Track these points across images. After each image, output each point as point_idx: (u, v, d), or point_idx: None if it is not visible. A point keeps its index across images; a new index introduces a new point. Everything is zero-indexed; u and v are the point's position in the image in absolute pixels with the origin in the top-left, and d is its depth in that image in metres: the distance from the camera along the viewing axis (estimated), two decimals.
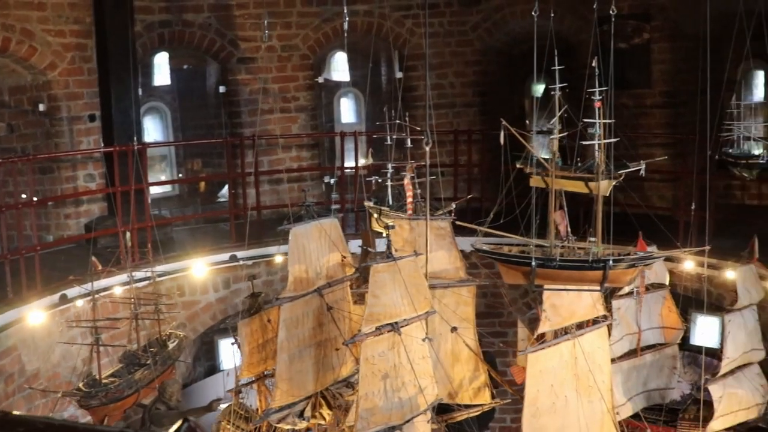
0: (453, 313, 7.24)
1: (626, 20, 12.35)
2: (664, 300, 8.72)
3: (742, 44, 12.63)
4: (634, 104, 12.36)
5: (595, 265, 6.11)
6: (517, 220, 6.77)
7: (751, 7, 11.50)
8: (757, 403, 8.35)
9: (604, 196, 6.97)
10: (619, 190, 12.28)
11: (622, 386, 8.56)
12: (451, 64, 13.20)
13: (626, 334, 8.51)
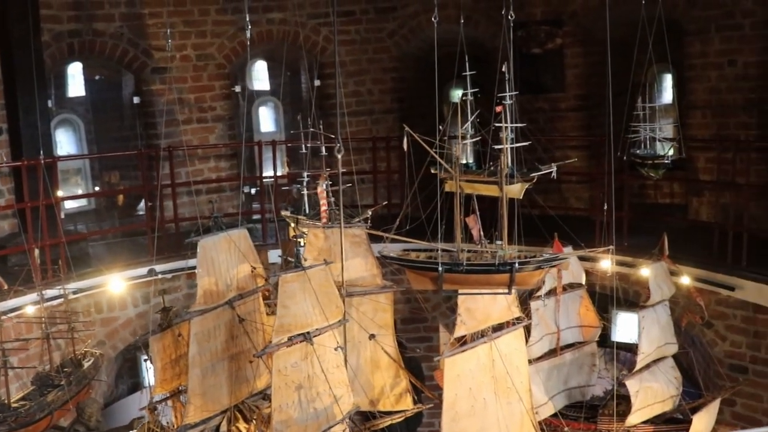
0: (371, 321, 7.22)
1: (539, 26, 12.61)
2: (581, 299, 8.89)
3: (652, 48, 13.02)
4: (549, 108, 12.60)
5: (502, 269, 6.19)
6: (435, 225, 6.83)
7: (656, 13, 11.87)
8: (671, 395, 8.57)
9: (519, 199, 7.08)
10: (538, 192, 12.53)
11: (543, 385, 8.68)
12: (369, 71, 13.23)
13: (545, 334, 8.63)
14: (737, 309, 9.74)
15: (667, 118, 13.29)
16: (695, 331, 10.28)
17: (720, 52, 11.16)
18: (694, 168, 11.71)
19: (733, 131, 11.04)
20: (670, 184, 12.80)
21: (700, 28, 11.34)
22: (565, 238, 9.21)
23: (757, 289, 9.04)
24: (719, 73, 11.20)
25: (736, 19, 10.94)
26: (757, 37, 10.78)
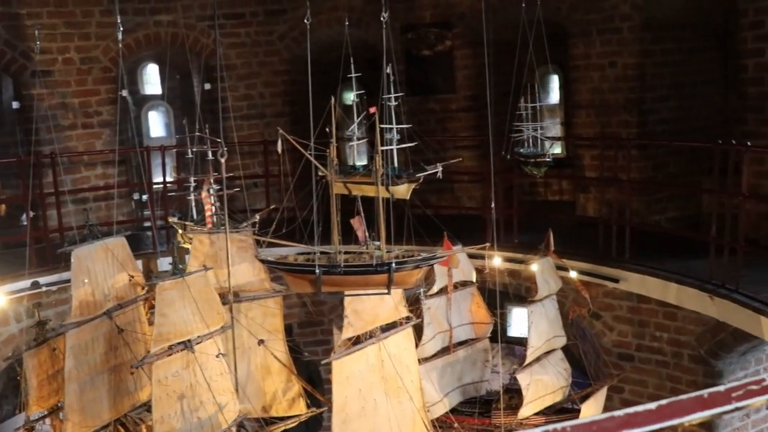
0: (260, 326, 7.15)
1: (429, 28, 12.75)
2: (473, 296, 9.05)
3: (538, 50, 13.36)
4: (440, 109, 12.76)
5: (380, 269, 6.23)
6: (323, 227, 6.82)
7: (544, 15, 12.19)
8: (561, 386, 8.83)
9: (407, 199, 7.15)
10: (432, 192, 12.70)
11: (438, 383, 8.79)
12: (260, 74, 13.10)
13: (438, 332, 8.74)
14: (623, 300, 10.10)
15: (555, 117, 13.71)
16: (584, 323, 10.60)
17: (601, 54, 11.53)
18: (580, 165, 12.07)
19: (615, 129, 11.42)
20: (559, 181, 13.19)
21: (583, 31, 11.69)
22: (460, 237, 9.36)
23: (640, 280, 9.39)
24: (601, 74, 11.58)
25: (615, 23, 11.33)
26: (635, 40, 11.19)
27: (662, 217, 11.62)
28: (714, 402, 1.69)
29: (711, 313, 8.73)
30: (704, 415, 1.68)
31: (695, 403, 1.68)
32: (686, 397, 1.68)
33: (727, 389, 1.71)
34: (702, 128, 11.82)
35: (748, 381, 1.74)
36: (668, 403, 1.66)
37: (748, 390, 1.73)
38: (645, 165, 11.43)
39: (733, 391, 1.71)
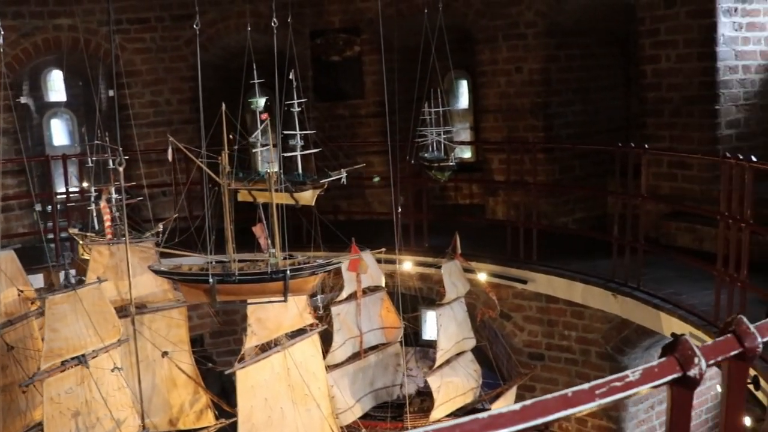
0: (164, 338, 6.98)
1: (338, 34, 12.74)
2: (382, 301, 9.06)
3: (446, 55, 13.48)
4: (350, 114, 12.76)
5: (275, 276, 6.16)
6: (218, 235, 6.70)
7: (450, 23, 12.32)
8: (472, 388, 8.92)
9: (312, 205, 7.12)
10: (343, 198, 12.67)
11: (350, 389, 8.76)
12: (166, 81, 12.82)
13: (348, 338, 8.71)
14: (532, 301, 10.28)
15: (464, 122, 13.87)
16: (496, 324, 10.74)
17: (507, 59, 11.74)
18: (489, 169, 12.24)
19: (522, 133, 11.64)
20: (469, 185, 13.34)
21: (489, 37, 11.88)
22: (372, 241, 9.38)
23: (547, 281, 9.57)
24: (508, 79, 11.78)
25: (520, 29, 11.55)
26: (540, 46, 11.44)
27: (569, 219, 11.89)
28: (578, 400, 1.71)
29: (615, 311, 8.95)
30: (569, 413, 1.70)
31: (560, 402, 1.69)
32: (551, 397, 1.69)
33: (591, 387, 1.74)
34: (606, 131, 12.16)
35: (612, 378, 1.77)
36: (533, 403, 1.67)
37: (612, 387, 1.76)
38: (552, 168, 11.68)
39: (597, 389, 1.74)
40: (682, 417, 1.92)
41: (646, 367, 1.80)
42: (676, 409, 1.91)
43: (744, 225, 6.71)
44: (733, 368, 2.04)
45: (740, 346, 1.97)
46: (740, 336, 1.98)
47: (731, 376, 2.05)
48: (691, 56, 9.98)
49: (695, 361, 1.82)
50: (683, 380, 1.84)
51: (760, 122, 10.32)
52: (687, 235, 9.98)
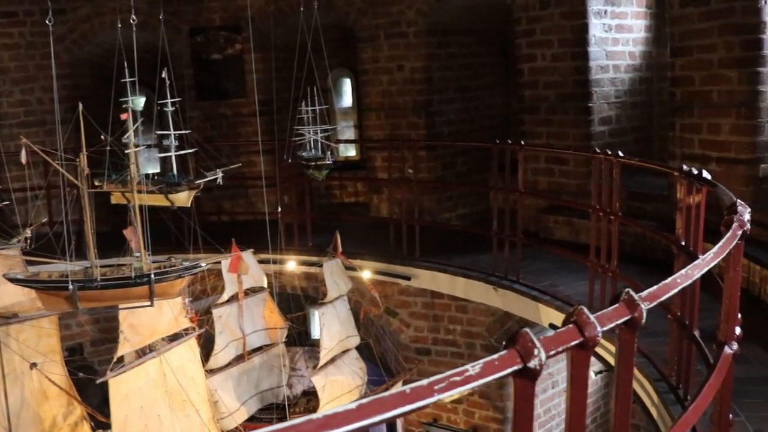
0: (33, 349, 6.67)
1: (218, 31, 12.51)
2: (265, 302, 8.95)
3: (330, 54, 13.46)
4: (232, 113, 12.57)
5: (139, 281, 6.01)
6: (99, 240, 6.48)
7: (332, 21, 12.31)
8: (357, 385, 8.94)
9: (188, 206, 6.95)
10: (226, 198, 12.47)
11: (234, 392, 8.63)
12: (37, 79, 12.26)
13: (231, 340, 8.57)
14: (417, 297, 10.39)
15: (348, 120, 13.89)
16: (382, 321, 10.81)
17: (389, 58, 11.82)
18: (373, 167, 12.29)
19: (405, 131, 11.74)
20: (354, 183, 13.37)
21: (371, 36, 11.93)
22: (251, 242, 9.25)
23: (430, 277, 9.68)
24: (390, 78, 11.86)
25: (401, 28, 11.65)
26: (421, 45, 11.57)
27: (452, 215, 12.08)
28: (417, 396, 1.71)
29: (496, 304, 9.14)
30: (408, 410, 1.69)
31: (398, 399, 1.68)
32: (389, 394, 1.68)
33: (430, 383, 1.74)
34: (487, 129, 12.43)
35: (451, 373, 1.78)
36: (370, 401, 1.65)
37: (451, 381, 1.76)
38: (434, 165, 11.84)
39: (435, 384, 1.74)
40: (526, 407, 1.95)
41: (486, 361, 1.81)
42: (520, 400, 1.94)
43: (613, 217, 6.96)
44: (576, 357, 2.09)
45: (581, 335, 2.02)
46: (581, 326, 2.02)
47: (574, 365, 2.10)
48: (565, 56, 10.31)
49: (535, 353, 1.85)
50: (524, 372, 1.86)
51: (631, 119, 10.77)
52: (564, 228, 10.31)
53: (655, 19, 10.71)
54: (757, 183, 8.41)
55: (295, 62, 8.94)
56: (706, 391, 3.15)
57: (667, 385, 5.77)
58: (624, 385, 2.35)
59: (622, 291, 2.25)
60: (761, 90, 8.23)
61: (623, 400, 2.36)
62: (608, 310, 2.20)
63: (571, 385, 2.14)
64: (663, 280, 2.55)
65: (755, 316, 7.19)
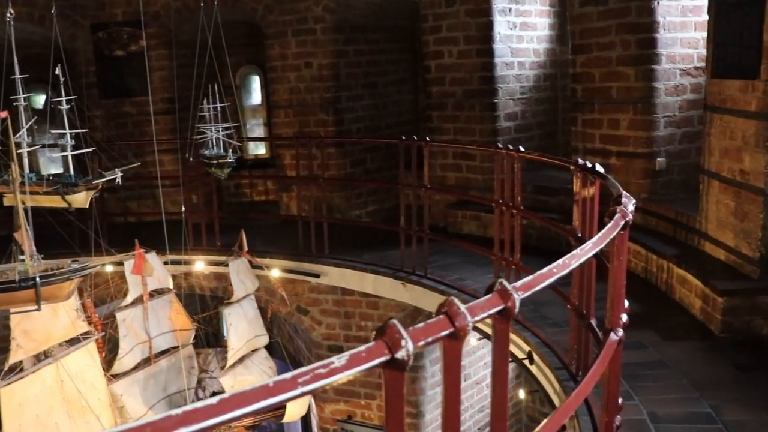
0: None
1: (121, 27, 12.21)
2: (171, 304, 8.79)
3: (239, 51, 13.31)
4: (137, 112, 12.28)
5: (24, 284, 5.82)
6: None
7: (239, 18, 12.17)
8: None
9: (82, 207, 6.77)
10: (133, 198, 12.18)
11: (141, 396, 8.45)
12: None
13: (137, 344, 8.38)
14: (328, 294, 10.37)
15: (258, 118, 13.77)
16: (294, 320, 10.75)
17: (297, 54, 11.76)
18: (282, 165, 12.22)
19: (314, 129, 11.70)
20: (264, 182, 13.26)
21: (278, 33, 11.85)
22: (158, 243, 9.06)
23: (339, 274, 9.66)
24: (298, 75, 11.80)
25: (309, 25, 11.60)
26: (328, 41, 11.55)
27: (363, 212, 12.11)
28: (280, 389, 1.69)
29: (405, 299, 9.19)
30: (271, 402, 1.68)
31: (261, 392, 1.67)
32: (251, 389, 1.67)
33: (294, 376, 1.73)
34: (396, 125, 12.50)
35: (316, 365, 1.77)
36: (230, 396, 1.63)
37: (316, 374, 1.76)
38: (343, 162, 11.85)
39: (299, 377, 1.73)
40: (397, 397, 1.96)
41: (353, 352, 1.82)
42: (390, 391, 1.95)
43: (515, 211, 7.09)
44: (448, 347, 2.11)
45: (452, 326, 2.04)
46: (452, 316, 2.05)
47: (446, 354, 2.13)
48: (471, 52, 10.46)
49: (402, 344, 1.86)
50: (392, 362, 1.87)
51: (535, 114, 11.00)
52: (473, 222, 10.46)
53: (558, 17, 10.96)
54: (654, 176, 8.70)
55: (196, 59, 8.81)
56: (589, 377, 3.24)
57: (568, 373, 5.90)
58: (501, 373, 2.40)
59: (496, 282, 2.29)
60: (656, 87, 8.50)
61: (500, 387, 2.40)
62: (481, 300, 2.23)
63: (445, 375, 2.16)
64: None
65: (653, 303, 7.46)
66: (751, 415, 5.03)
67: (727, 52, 6.93)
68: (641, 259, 8.18)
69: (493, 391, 2.41)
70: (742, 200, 6.74)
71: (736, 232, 6.84)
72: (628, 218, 3.68)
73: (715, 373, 5.76)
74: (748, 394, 5.32)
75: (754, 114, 6.48)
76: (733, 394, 5.34)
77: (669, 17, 8.41)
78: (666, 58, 8.47)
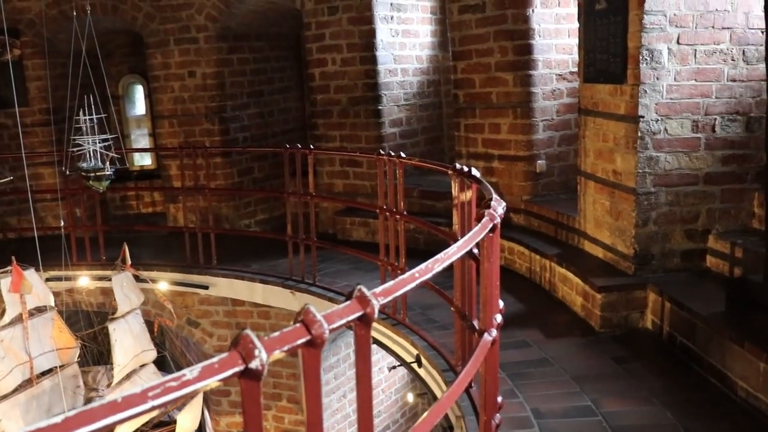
0: None
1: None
2: (53, 322, 8.50)
3: (120, 60, 13.00)
4: (13, 123, 11.82)
5: None
6: None
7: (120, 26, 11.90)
8: None
9: None
10: (12, 214, 11.72)
11: (23, 419, 8.13)
12: None
13: (16, 365, 8.07)
14: (219, 305, 10.26)
15: (143, 128, 13.49)
16: (185, 333, 10.58)
17: (180, 64, 11.59)
18: (168, 176, 12.01)
19: (199, 138, 11.56)
20: (151, 193, 13.00)
21: (160, 41, 11.64)
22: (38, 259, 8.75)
23: (228, 284, 9.58)
24: (181, 84, 11.63)
25: (191, 33, 11.45)
26: (212, 50, 11.43)
27: (252, 221, 12.04)
28: (129, 404, 1.69)
29: (295, 308, 9.16)
30: (120, 418, 1.68)
31: (108, 409, 1.66)
32: (98, 405, 1.66)
33: (144, 390, 1.73)
34: (282, 133, 12.49)
35: (167, 378, 1.78)
36: (77, 413, 1.62)
37: (167, 387, 1.76)
38: (230, 171, 11.75)
39: (149, 391, 1.73)
40: (254, 407, 1.98)
41: (205, 364, 1.83)
42: (247, 400, 1.97)
43: (399, 216, 7.20)
44: (306, 355, 2.15)
45: (308, 333, 2.08)
46: (308, 325, 2.08)
47: (305, 362, 2.16)
48: (354, 60, 10.56)
49: (256, 353, 1.89)
50: (246, 372, 1.90)
51: (420, 120, 11.19)
52: (361, 229, 10.55)
53: (439, 24, 11.19)
54: (535, 178, 8.99)
55: (70, 69, 8.57)
56: (461, 379, 3.33)
57: (454, 375, 6.01)
58: (364, 378, 2.45)
59: (354, 288, 2.34)
60: (534, 91, 8.81)
61: (364, 393, 2.45)
62: (339, 307, 2.28)
63: (305, 383, 2.20)
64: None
65: (537, 302, 7.71)
66: (629, 405, 5.27)
67: (597, 58, 7.26)
68: (525, 259, 8.45)
69: (358, 396, 2.46)
70: (616, 200, 7.07)
71: (612, 231, 7.17)
72: (496, 221, 3.80)
73: (595, 367, 6.00)
74: (625, 386, 5.57)
75: (623, 117, 6.82)
76: (611, 386, 5.59)
77: (544, 24, 8.73)
78: (542, 63, 8.79)
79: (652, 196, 6.69)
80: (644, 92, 6.45)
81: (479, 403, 4.83)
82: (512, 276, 8.39)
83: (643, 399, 5.35)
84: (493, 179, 8.98)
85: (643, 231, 6.75)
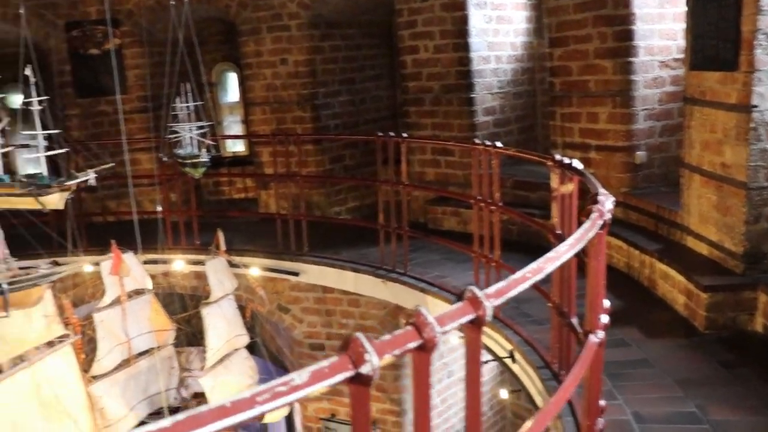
0: None
1: (95, 26, 12.06)
2: (150, 304, 8.68)
3: (214, 48, 13.19)
4: (113, 110, 12.13)
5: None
6: None
7: (214, 15, 12.05)
8: (247, 385, 8.78)
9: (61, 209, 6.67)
10: (111, 198, 12.05)
11: (122, 398, 8.35)
12: None
13: (115, 345, 8.28)
14: (309, 292, 10.30)
15: (235, 115, 13.66)
16: (275, 318, 10.68)
17: (272, 51, 11.66)
18: (260, 162, 12.12)
19: (290, 125, 11.61)
20: (243, 179, 13.16)
21: (253, 29, 11.74)
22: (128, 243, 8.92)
23: (319, 272, 9.59)
24: (273, 71, 11.70)
25: (283, 21, 11.50)
26: (303, 38, 11.45)
27: (342, 209, 12.04)
28: (237, 409, 1.63)
29: (386, 297, 9.14)
30: (228, 423, 1.62)
31: (217, 413, 1.60)
32: (206, 409, 1.60)
33: (253, 395, 1.67)
34: (374, 121, 12.43)
35: (276, 383, 1.71)
36: (185, 418, 1.57)
37: (276, 392, 1.70)
38: (322, 159, 11.77)
39: (258, 396, 1.67)
40: (363, 411, 1.90)
41: (314, 368, 1.75)
42: (356, 405, 1.89)
43: (494, 207, 7.04)
44: (416, 359, 2.06)
45: (420, 337, 1.98)
46: (419, 327, 1.99)
47: (415, 367, 2.07)
48: (447, 47, 10.39)
49: (366, 358, 1.80)
50: (357, 378, 1.81)
51: (514, 109, 10.95)
52: (453, 218, 10.41)
53: (534, 10, 10.92)
54: (634, 169, 8.67)
55: (168, 57, 8.70)
56: (569, 382, 3.18)
57: (550, 372, 5.84)
58: (473, 382, 2.34)
59: (465, 289, 2.24)
60: (634, 79, 8.47)
61: (473, 396, 2.35)
62: (450, 309, 2.17)
63: (415, 388, 2.11)
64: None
65: (636, 299, 7.40)
66: (738, 414, 4.88)
67: (706, 43, 6.89)
68: (623, 254, 8.15)
69: (467, 397, 2.36)
70: (724, 194, 6.70)
71: (719, 227, 6.81)
72: (605, 218, 3.62)
73: (700, 370, 5.65)
74: (734, 393, 5.17)
75: (734, 106, 6.44)
76: (718, 392, 5.22)
77: (646, 8, 8.37)
78: (644, 50, 8.43)
79: (765, 191, 6.31)
80: (759, 80, 6.08)
81: (580, 405, 4.66)
82: (609, 271, 8.09)
83: (753, 408, 5.00)
84: (590, 170, 8.68)
85: (754, 228, 6.38)
